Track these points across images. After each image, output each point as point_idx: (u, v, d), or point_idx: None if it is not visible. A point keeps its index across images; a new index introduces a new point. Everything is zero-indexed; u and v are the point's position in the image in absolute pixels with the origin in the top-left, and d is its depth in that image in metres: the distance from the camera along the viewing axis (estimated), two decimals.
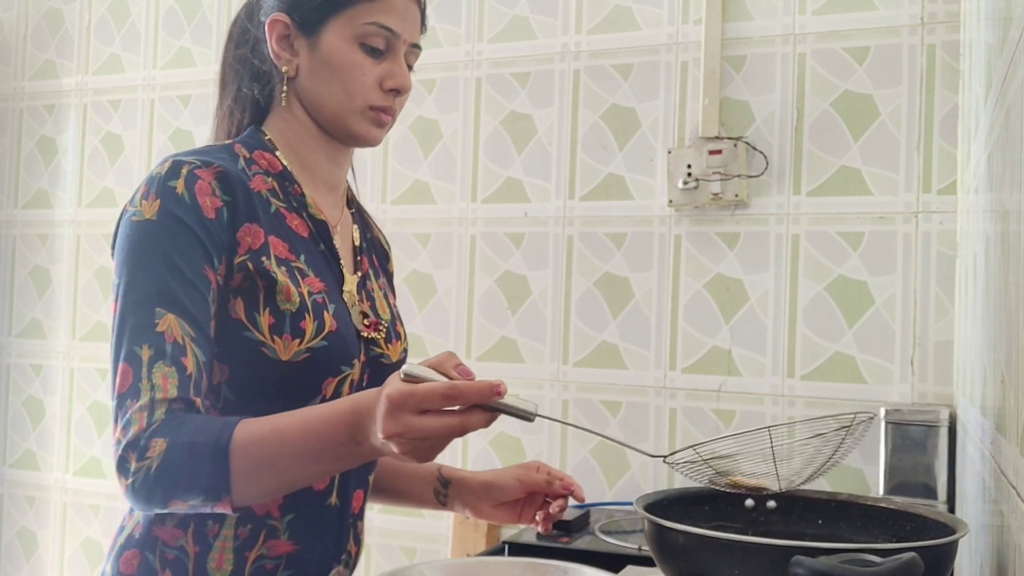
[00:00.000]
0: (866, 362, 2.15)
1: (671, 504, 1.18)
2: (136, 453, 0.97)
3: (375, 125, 1.19)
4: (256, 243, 1.08)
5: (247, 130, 1.21)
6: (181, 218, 1.04)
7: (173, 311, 1.01)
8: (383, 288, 1.28)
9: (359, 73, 1.15)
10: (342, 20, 1.14)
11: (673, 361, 2.31)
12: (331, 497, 1.15)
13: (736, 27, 2.29)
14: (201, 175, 1.07)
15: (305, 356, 1.08)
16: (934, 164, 2.13)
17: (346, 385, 1.14)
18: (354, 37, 1.15)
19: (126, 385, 0.99)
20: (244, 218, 1.08)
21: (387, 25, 1.15)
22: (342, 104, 1.16)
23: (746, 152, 2.24)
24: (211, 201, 1.06)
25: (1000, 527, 1.07)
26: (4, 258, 3.10)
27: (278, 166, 1.17)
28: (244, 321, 1.07)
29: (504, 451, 2.44)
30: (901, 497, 1.88)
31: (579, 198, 2.42)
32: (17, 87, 3.12)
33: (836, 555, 0.90)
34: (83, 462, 2.93)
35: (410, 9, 1.18)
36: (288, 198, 1.16)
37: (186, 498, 0.97)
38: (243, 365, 1.07)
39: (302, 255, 1.13)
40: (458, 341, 2.51)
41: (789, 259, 2.23)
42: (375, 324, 1.19)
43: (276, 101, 1.20)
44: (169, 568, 1.08)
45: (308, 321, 1.09)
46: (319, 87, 1.16)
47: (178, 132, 2.86)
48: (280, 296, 1.07)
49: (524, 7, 2.49)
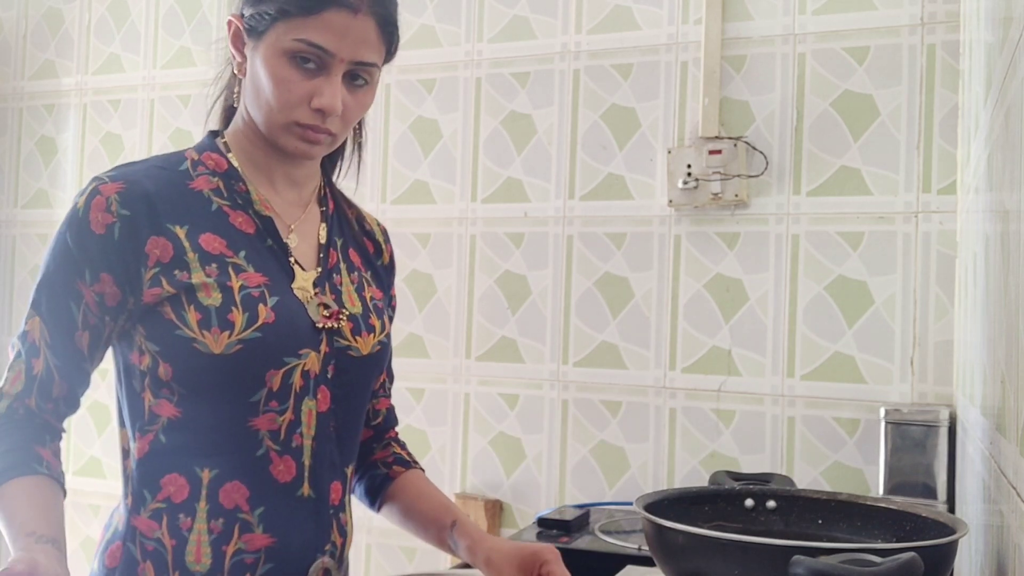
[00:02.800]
0: (866, 362, 2.15)
1: (671, 504, 1.18)
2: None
3: (302, 141, 1.16)
4: (166, 256, 1.11)
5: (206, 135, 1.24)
6: (64, 233, 1.12)
7: (39, 315, 1.12)
8: (357, 282, 1.27)
9: (284, 88, 1.13)
10: (278, 31, 1.13)
11: (673, 361, 2.31)
12: (301, 488, 1.15)
13: (736, 27, 2.29)
14: (103, 191, 1.12)
15: (238, 348, 1.09)
16: (934, 164, 2.13)
17: (296, 376, 1.14)
18: (284, 51, 1.13)
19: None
20: (149, 231, 1.11)
21: (317, 43, 1.12)
22: (268, 116, 1.16)
23: (746, 152, 2.24)
24: (103, 217, 1.10)
25: (1000, 527, 1.07)
26: (4, 258, 3.10)
27: (224, 165, 1.19)
28: (175, 320, 1.10)
29: (504, 451, 2.44)
30: (901, 497, 1.88)
31: (579, 198, 2.42)
32: (17, 87, 3.12)
33: (836, 555, 0.90)
34: (83, 462, 2.93)
35: (352, 27, 1.13)
36: (232, 196, 1.18)
37: None
38: (182, 361, 1.10)
39: (242, 251, 1.15)
40: (458, 341, 2.51)
41: (789, 259, 2.23)
42: (335, 315, 1.19)
43: (238, 103, 1.22)
44: (149, 559, 1.10)
45: (236, 314, 1.10)
46: (253, 95, 1.17)
47: (178, 132, 2.86)
48: (201, 294, 1.10)
49: (524, 7, 2.49)
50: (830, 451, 2.17)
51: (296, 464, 1.14)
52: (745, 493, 1.27)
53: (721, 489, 1.29)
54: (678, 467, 2.29)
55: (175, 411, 1.11)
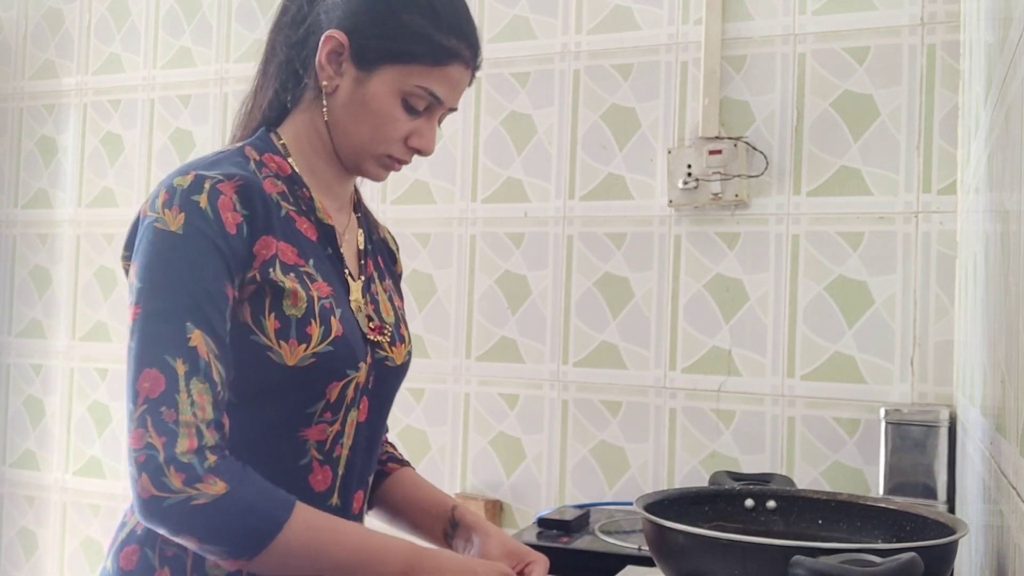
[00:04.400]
0: (866, 362, 2.15)
1: (671, 504, 1.18)
2: (184, 475, 0.96)
3: (384, 169, 1.20)
4: (268, 254, 1.08)
5: (259, 131, 1.20)
6: (206, 233, 1.04)
7: (201, 327, 1.01)
8: (388, 291, 1.28)
9: (392, 127, 1.16)
10: (396, 72, 1.14)
11: (673, 361, 2.31)
12: (332, 498, 1.15)
13: (736, 27, 2.29)
14: (223, 190, 1.06)
15: (311, 361, 1.08)
16: (934, 164, 2.13)
17: (350, 389, 1.14)
18: (401, 92, 1.14)
19: (157, 391, 0.98)
20: (262, 230, 1.08)
21: (436, 93, 1.15)
22: (364, 145, 1.17)
23: (746, 152, 2.24)
24: (232, 216, 1.06)
25: (1000, 527, 1.07)
26: (4, 258, 3.10)
27: (287, 169, 1.17)
28: (250, 325, 1.07)
29: (504, 451, 2.44)
30: (901, 497, 1.88)
31: (579, 198, 2.42)
32: (17, 87, 3.12)
33: (836, 555, 0.90)
34: (83, 462, 2.93)
35: (464, 79, 1.18)
36: (298, 202, 1.16)
37: (208, 543, 0.97)
38: (247, 368, 1.06)
39: (311, 259, 1.13)
40: (458, 341, 2.51)
41: (789, 259, 2.23)
42: (379, 328, 1.20)
43: (299, 107, 1.20)
44: (168, 566, 1.08)
45: (314, 326, 1.08)
46: (349, 121, 1.16)
47: (178, 132, 2.86)
48: (287, 301, 1.07)
49: (524, 7, 2.49)
50: (830, 451, 2.17)
51: (332, 474, 1.14)
52: (745, 493, 1.27)
53: (721, 489, 1.29)
54: (678, 467, 2.29)
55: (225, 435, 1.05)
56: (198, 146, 2.83)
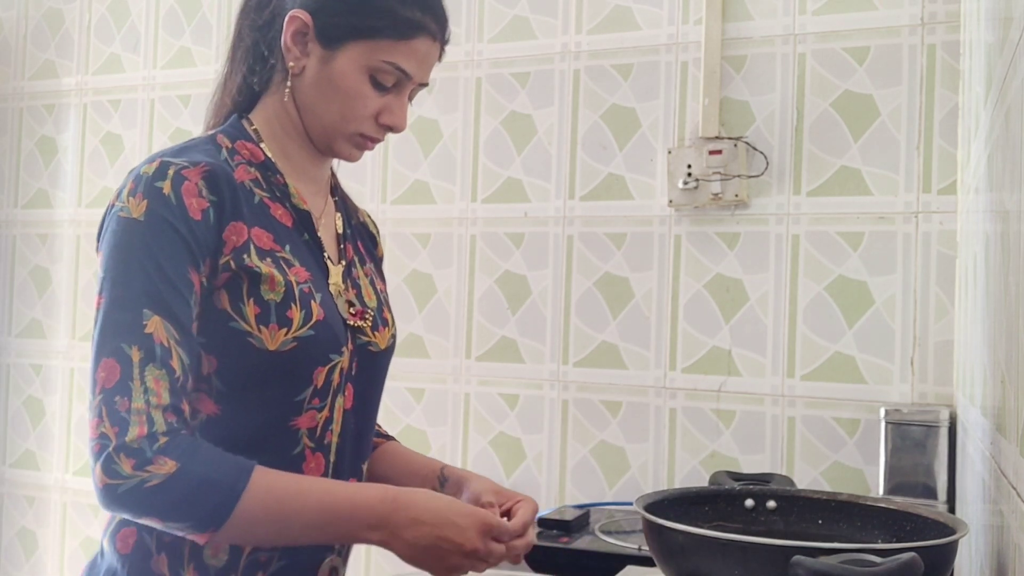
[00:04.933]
0: (866, 362, 2.15)
1: (671, 504, 1.18)
2: (133, 460, 0.97)
3: (357, 148, 1.20)
4: (239, 240, 1.08)
5: (231, 119, 1.20)
6: (168, 219, 1.04)
7: (159, 313, 1.01)
8: (369, 275, 1.27)
9: (361, 104, 1.15)
10: (362, 48, 1.13)
11: (673, 361, 2.31)
12: None
13: (736, 27, 2.29)
14: (188, 175, 1.06)
15: (292, 345, 1.08)
16: (934, 164, 2.13)
17: (335, 374, 1.14)
18: (368, 68, 1.14)
19: (112, 381, 0.99)
20: (230, 216, 1.08)
21: (404, 68, 1.15)
22: (334, 124, 1.17)
23: (746, 152, 2.24)
24: (197, 202, 1.05)
25: (1000, 527, 1.07)
26: (4, 258, 3.10)
27: (260, 156, 1.17)
28: (229, 311, 1.07)
29: (504, 450, 2.44)
30: (901, 497, 1.88)
31: (579, 198, 2.42)
32: (17, 87, 3.12)
33: (836, 555, 0.90)
34: (83, 462, 2.93)
35: (431, 53, 1.18)
36: (271, 188, 1.16)
37: (169, 521, 0.99)
38: (231, 356, 1.07)
39: (287, 245, 1.13)
40: (458, 341, 2.51)
41: (789, 259, 2.23)
42: (361, 312, 1.19)
43: (269, 90, 1.20)
44: (165, 552, 1.08)
45: (295, 310, 1.09)
46: (317, 100, 1.16)
47: (178, 132, 2.86)
48: (264, 287, 1.07)
49: (524, 7, 2.49)
50: (830, 451, 2.17)
51: (324, 462, 1.14)
52: (745, 493, 1.27)
53: (721, 489, 1.29)
54: (678, 467, 2.29)
55: (214, 408, 1.08)
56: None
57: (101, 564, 1.13)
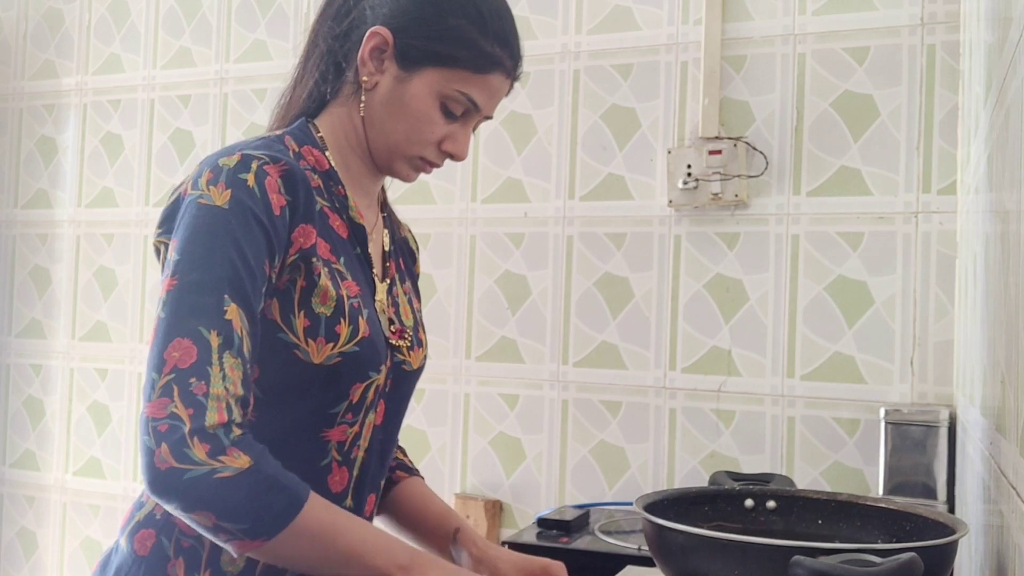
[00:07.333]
0: (866, 362, 2.15)
1: (671, 504, 1.18)
2: (208, 445, 0.92)
3: (415, 171, 1.20)
4: (307, 243, 1.07)
5: (297, 122, 1.19)
6: (252, 209, 1.02)
7: (237, 301, 0.99)
8: (407, 293, 1.27)
9: (428, 129, 1.15)
10: (439, 74, 1.13)
11: (673, 361, 2.31)
12: (347, 499, 1.15)
13: (736, 27, 2.29)
14: (269, 171, 1.05)
15: (337, 360, 1.07)
16: (934, 164, 2.13)
17: (371, 391, 1.13)
18: (440, 95, 1.14)
19: (188, 362, 0.95)
20: (301, 218, 1.07)
21: (475, 100, 1.15)
22: (398, 144, 1.17)
23: (746, 152, 2.24)
24: (277, 199, 1.05)
25: (1000, 527, 1.07)
26: (4, 258, 3.10)
27: (325, 164, 1.16)
28: (279, 322, 1.06)
29: (504, 451, 2.44)
30: (901, 497, 1.88)
31: (579, 198, 2.42)
32: (17, 87, 3.12)
33: (836, 555, 0.90)
34: (83, 462, 2.93)
35: (502, 88, 1.18)
36: (332, 198, 1.15)
37: (226, 520, 0.93)
38: (274, 366, 1.06)
39: (342, 257, 1.12)
40: (458, 341, 2.51)
41: (789, 259, 2.23)
42: (400, 331, 1.19)
43: (338, 99, 1.19)
44: (183, 556, 1.07)
45: (343, 325, 1.08)
46: (386, 118, 1.16)
47: (178, 132, 2.86)
48: (316, 299, 1.06)
49: (524, 7, 2.49)
50: (830, 451, 2.17)
51: (348, 475, 1.14)
52: (745, 493, 1.27)
53: (721, 489, 1.29)
54: (678, 467, 2.29)
55: (249, 416, 1.04)
56: (198, 146, 2.83)
57: (115, 559, 1.12)
